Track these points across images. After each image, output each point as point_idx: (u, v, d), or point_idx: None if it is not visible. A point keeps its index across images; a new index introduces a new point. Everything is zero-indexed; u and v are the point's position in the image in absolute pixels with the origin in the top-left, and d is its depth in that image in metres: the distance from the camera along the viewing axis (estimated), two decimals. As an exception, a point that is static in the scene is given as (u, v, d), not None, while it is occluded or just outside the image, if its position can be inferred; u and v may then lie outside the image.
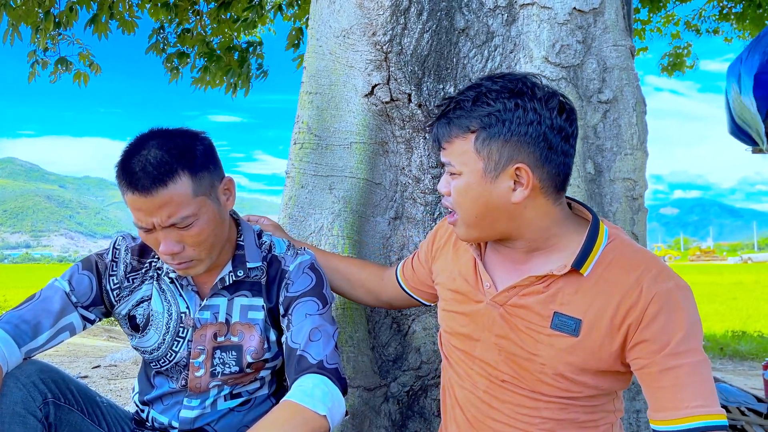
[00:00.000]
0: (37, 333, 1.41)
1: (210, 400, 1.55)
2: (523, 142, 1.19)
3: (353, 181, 2.12)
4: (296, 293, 1.52)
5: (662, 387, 1.15)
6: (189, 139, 1.41)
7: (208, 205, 1.40)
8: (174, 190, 1.33)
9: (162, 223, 1.34)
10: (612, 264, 1.22)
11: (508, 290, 1.30)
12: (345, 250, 2.07)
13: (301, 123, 2.19)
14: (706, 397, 1.13)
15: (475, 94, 1.23)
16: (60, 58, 6.48)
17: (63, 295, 1.47)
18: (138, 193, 1.32)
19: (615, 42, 1.96)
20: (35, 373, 1.37)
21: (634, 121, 1.95)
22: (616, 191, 1.95)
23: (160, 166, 1.32)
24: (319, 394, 1.33)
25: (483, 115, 1.20)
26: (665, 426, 1.15)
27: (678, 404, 1.13)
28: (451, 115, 1.25)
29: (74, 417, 1.44)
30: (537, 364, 1.26)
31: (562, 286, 1.24)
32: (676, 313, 1.15)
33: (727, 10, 7.36)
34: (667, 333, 1.14)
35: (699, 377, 1.13)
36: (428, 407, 2.03)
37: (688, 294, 1.18)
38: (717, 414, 1.12)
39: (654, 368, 1.15)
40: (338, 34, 2.16)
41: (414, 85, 2.05)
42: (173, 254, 1.37)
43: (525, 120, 1.18)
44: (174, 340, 1.53)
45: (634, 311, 1.17)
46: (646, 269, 1.19)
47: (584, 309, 1.21)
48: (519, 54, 2.00)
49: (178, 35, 6.56)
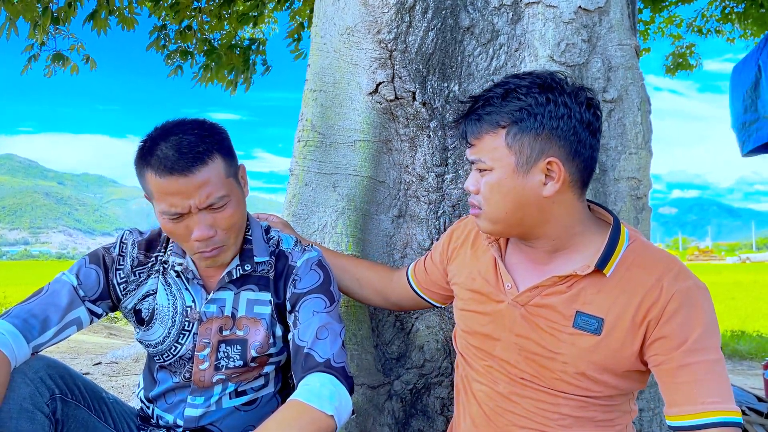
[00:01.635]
0: (46, 327, 1.41)
1: (215, 397, 1.55)
2: (554, 136, 1.21)
3: (357, 179, 2.12)
4: (303, 290, 1.52)
5: (679, 383, 1.16)
6: (209, 126, 1.45)
7: (236, 188, 1.45)
8: (212, 169, 1.37)
9: (200, 204, 1.36)
10: (633, 264, 1.24)
11: (531, 290, 1.31)
12: (348, 248, 2.07)
13: (305, 121, 2.19)
14: (722, 395, 1.14)
15: (504, 90, 1.24)
16: (56, 54, 6.44)
17: (71, 289, 1.47)
18: (177, 174, 1.33)
19: (620, 41, 1.96)
20: (43, 369, 1.37)
21: (638, 120, 1.95)
22: (621, 190, 1.95)
23: (197, 146, 1.36)
24: (326, 394, 1.33)
25: (514, 110, 1.21)
26: (681, 421, 1.16)
27: (694, 400, 1.14)
28: (481, 112, 1.25)
29: (81, 413, 1.44)
30: (559, 363, 1.27)
31: (585, 286, 1.25)
32: (695, 311, 1.17)
33: (729, 10, 7.35)
34: (685, 330, 1.17)
35: (715, 375, 1.15)
36: (431, 405, 2.03)
37: (706, 294, 1.21)
38: (732, 411, 1.14)
39: (671, 364, 1.17)
40: (342, 32, 2.16)
41: (418, 83, 2.05)
42: (208, 239, 1.39)
43: (556, 114, 1.21)
44: (180, 334, 1.53)
45: (655, 309, 1.19)
46: (666, 269, 1.21)
47: (606, 308, 1.23)
48: (524, 52, 2.00)
49: (179, 32, 6.55)
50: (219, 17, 6.18)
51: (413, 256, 2.13)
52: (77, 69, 6.55)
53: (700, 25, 8.44)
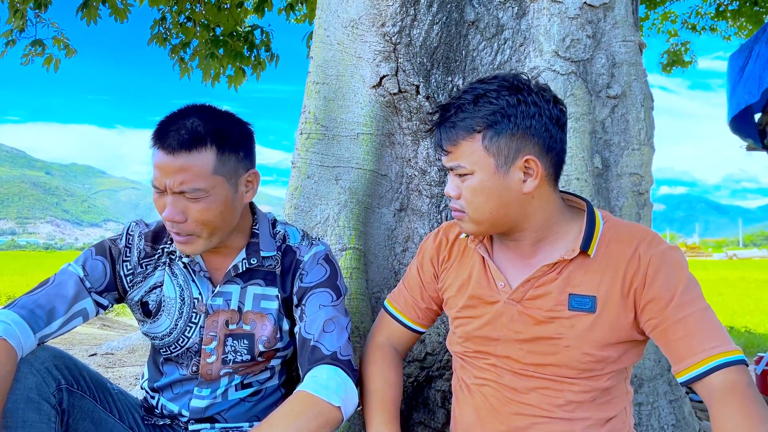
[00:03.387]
0: (52, 318, 1.40)
1: (221, 389, 1.55)
2: (528, 135, 1.26)
3: (359, 172, 2.12)
4: (310, 284, 1.52)
5: (677, 339, 1.22)
6: (229, 120, 1.44)
7: (223, 187, 1.41)
8: (195, 159, 1.36)
9: (173, 186, 1.35)
10: (612, 241, 1.31)
11: (523, 284, 1.35)
12: (351, 241, 2.07)
13: (308, 113, 2.18)
14: (719, 338, 1.20)
15: (473, 96, 1.28)
16: (36, 41, 6.35)
17: (77, 280, 1.47)
18: (163, 151, 1.35)
19: (624, 37, 1.97)
20: (49, 359, 1.36)
21: (641, 116, 1.97)
22: (623, 186, 1.97)
23: (192, 132, 1.36)
24: (333, 386, 1.34)
25: (488, 114, 1.25)
26: (686, 375, 1.21)
27: (694, 350, 1.19)
28: (454, 119, 1.28)
29: (86, 404, 1.43)
30: (561, 348, 1.31)
31: (573, 269, 1.31)
32: (673, 269, 1.25)
33: (723, 8, 7.39)
34: (669, 288, 1.23)
35: (708, 322, 1.21)
36: (432, 398, 2.04)
37: (680, 253, 1.29)
38: (733, 350, 1.19)
39: (665, 324, 1.23)
40: (346, 24, 2.15)
41: (422, 76, 2.05)
42: (174, 222, 1.38)
43: (528, 113, 1.26)
44: (186, 326, 1.52)
45: (637, 276, 1.26)
46: (641, 239, 1.29)
47: (596, 286, 1.29)
48: (529, 47, 2.00)
49: (180, 25, 6.49)
50: (218, 8, 6.13)
51: (414, 250, 2.13)
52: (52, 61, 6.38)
53: (694, 23, 8.48)
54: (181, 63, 6.60)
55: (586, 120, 1.91)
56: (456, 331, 1.48)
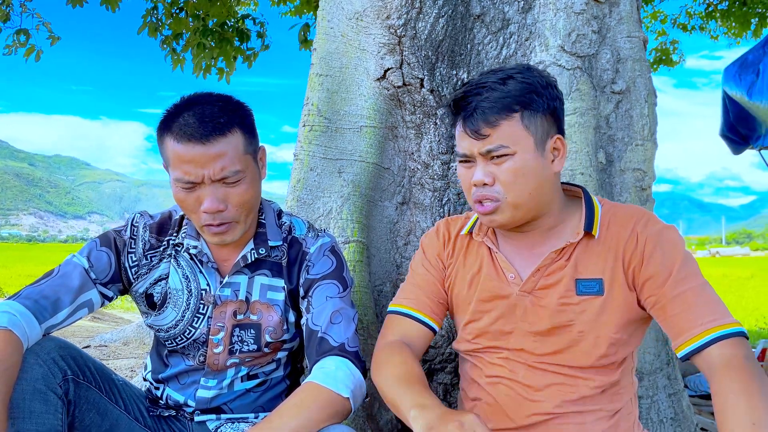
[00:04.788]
0: (57, 309, 1.38)
1: (227, 380, 1.54)
2: (554, 115, 1.31)
3: (362, 165, 2.11)
4: (317, 276, 1.51)
5: (676, 314, 1.23)
6: (240, 102, 1.44)
7: (252, 165, 1.43)
8: (230, 142, 1.35)
9: (213, 175, 1.34)
10: (611, 223, 1.34)
11: (534, 274, 1.35)
12: (354, 234, 2.07)
13: (311, 105, 2.17)
14: (717, 312, 1.21)
15: (500, 78, 1.28)
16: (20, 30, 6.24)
17: (82, 271, 1.45)
18: (195, 141, 1.32)
19: (629, 33, 1.98)
20: (55, 350, 1.35)
21: (645, 112, 1.98)
22: (626, 181, 1.98)
23: (219, 117, 1.35)
24: (341, 376, 1.34)
25: (524, 92, 1.26)
26: (685, 349, 1.21)
27: (692, 324, 1.20)
28: (490, 100, 1.26)
29: (92, 394, 1.42)
30: (575, 334, 1.31)
31: (578, 253, 1.33)
32: (669, 246, 1.28)
33: (712, 8, 7.44)
34: (666, 265, 1.26)
35: (705, 296, 1.23)
36: (434, 391, 2.04)
37: (676, 232, 1.32)
38: (731, 323, 1.20)
39: (664, 300, 1.24)
40: (351, 17, 2.14)
41: (427, 70, 2.04)
42: (217, 212, 1.37)
43: (553, 95, 1.30)
44: (194, 317, 1.51)
45: (635, 256, 1.29)
46: (637, 219, 1.32)
47: (601, 269, 1.31)
48: (534, 42, 2.00)
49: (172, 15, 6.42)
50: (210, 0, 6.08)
51: (416, 243, 2.13)
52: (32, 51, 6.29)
53: (684, 22, 8.53)
54: (173, 54, 6.53)
55: (590, 115, 1.91)
56: (467, 328, 1.46)
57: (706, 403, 2.98)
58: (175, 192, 1.40)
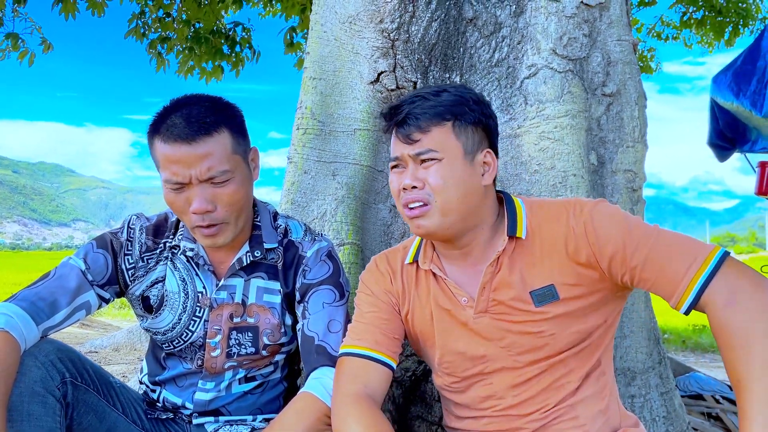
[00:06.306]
0: (54, 311, 1.37)
1: (225, 383, 1.54)
2: (486, 129, 1.34)
3: (356, 168, 2.13)
4: (313, 281, 1.51)
5: (654, 279, 1.21)
6: (228, 102, 1.45)
7: (242, 166, 1.43)
8: (217, 142, 1.36)
9: (200, 176, 1.34)
10: (542, 223, 1.33)
11: (481, 293, 1.33)
12: (348, 237, 2.08)
13: (305, 108, 2.18)
14: (687, 254, 1.18)
15: (434, 90, 1.34)
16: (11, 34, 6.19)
17: (79, 273, 1.44)
18: (181, 142, 1.33)
19: (619, 36, 2.01)
20: (53, 352, 1.34)
21: (635, 114, 2.01)
22: (618, 183, 2.01)
23: (205, 117, 1.36)
24: None
25: (456, 103, 1.31)
26: (683, 306, 1.18)
27: (675, 280, 1.18)
28: (422, 108, 1.30)
29: (91, 397, 1.42)
30: (546, 337, 1.31)
31: (517, 261, 1.32)
32: (608, 220, 1.26)
33: (688, 17, 7.52)
34: (615, 236, 1.24)
35: (666, 244, 1.20)
36: (429, 391, 2.05)
37: (605, 203, 1.30)
38: (707, 256, 1.16)
39: (635, 271, 1.22)
40: (344, 21, 2.15)
41: (420, 73, 2.06)
42: (205, 212, 1.37)
43: (486, 113, 1.34)
44: (191, 320, 1.51)
45: (582, 245, 1.27)
46: (567, 212, 1.31)
47: (548, 273, 1.30)
48: (526, 45, 2.03)
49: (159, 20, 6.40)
50: (198, 4, 6.07)
51: (410, 246, 2.14)
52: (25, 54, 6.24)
53: (659, 31, 8.64)
54: (159, 57, 6.51)
55: (582, 117, 1.94)
56: (443, 364, 1.41)
57: (696, 404, 3.02)
58: (166, 194, 1.40)
